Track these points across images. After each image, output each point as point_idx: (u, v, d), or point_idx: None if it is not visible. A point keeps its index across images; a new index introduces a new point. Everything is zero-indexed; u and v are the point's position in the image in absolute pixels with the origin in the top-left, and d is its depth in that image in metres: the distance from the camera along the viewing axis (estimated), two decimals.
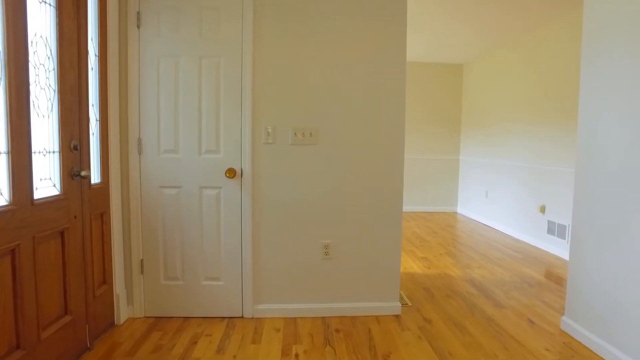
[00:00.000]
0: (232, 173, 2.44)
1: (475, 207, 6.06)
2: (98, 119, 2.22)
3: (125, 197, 2.45)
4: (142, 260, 2.49)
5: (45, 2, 1.76)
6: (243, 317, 2.54)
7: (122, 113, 2.41)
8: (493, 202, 5.56)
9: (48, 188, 1.80)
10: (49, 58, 1.79)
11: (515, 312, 2.70)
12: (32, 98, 1.67)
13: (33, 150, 1.67)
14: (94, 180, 2.21)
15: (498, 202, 5.43)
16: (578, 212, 2.36)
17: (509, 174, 5.17)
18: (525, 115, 4.82)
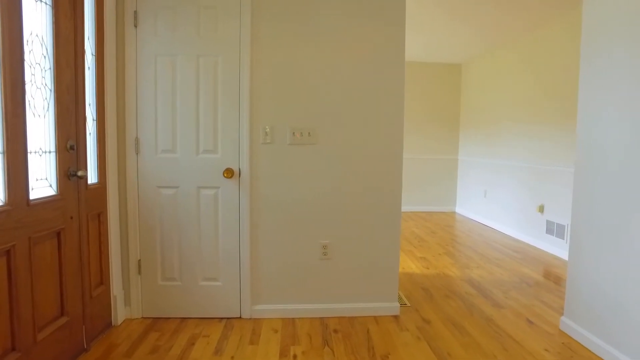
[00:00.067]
0: (230, 173, 2.43)
1: (474, 206, 6.06)
2: (95, 119, 2.21)
3: (123, 197, 2.43)
4: (139, 261, 2.48)
5: (42, 0, 1.74)
6: (241, 317, 2.53)
7: (119, 113, 2.40)
8: (492, 201, 5.55)
9: (44, 188, 1.78)
10: (45, 57, 1.78)
11: (514, 312, 2.69)
12: (27, 97, 1.65)
13: (29, 150, 1.66)
14: (91, 181, 2.19)
15: (497, 201, 5.43)
16: (577, 212, 2.35)
17: (508, 174, 5.17)
18: (525, 115, 4.82)
